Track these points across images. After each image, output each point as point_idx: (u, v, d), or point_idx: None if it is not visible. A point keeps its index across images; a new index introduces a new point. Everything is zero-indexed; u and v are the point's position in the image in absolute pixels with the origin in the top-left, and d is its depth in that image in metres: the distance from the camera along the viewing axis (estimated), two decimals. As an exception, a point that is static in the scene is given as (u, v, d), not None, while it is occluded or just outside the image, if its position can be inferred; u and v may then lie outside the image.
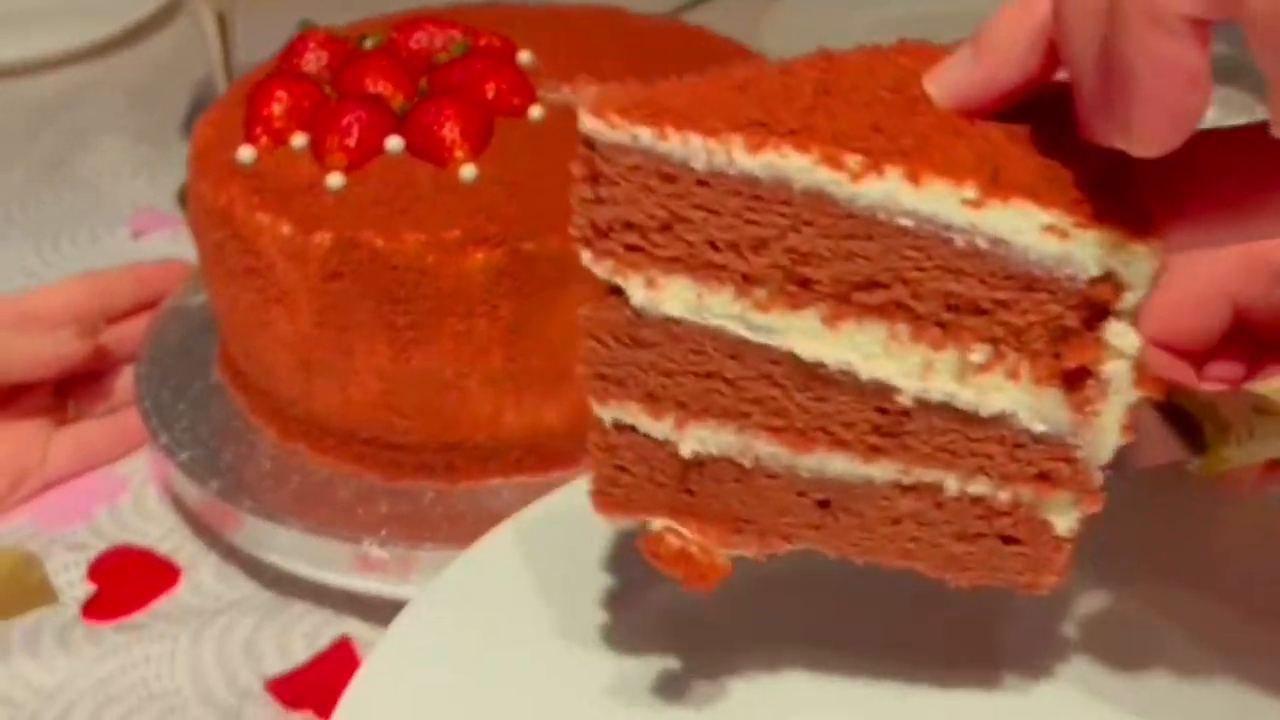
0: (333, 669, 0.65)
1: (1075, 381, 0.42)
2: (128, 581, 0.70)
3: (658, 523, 0.48)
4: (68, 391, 0.79)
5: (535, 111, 0.71)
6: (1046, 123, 0.42)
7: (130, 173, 1.07)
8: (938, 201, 0.40)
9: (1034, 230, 0.40)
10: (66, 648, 0.66)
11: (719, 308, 0.44)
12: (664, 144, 0.41)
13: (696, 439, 0.46)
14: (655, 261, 0.43)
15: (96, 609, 0.69)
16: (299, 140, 0.69)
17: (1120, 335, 0.41)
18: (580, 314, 0.45)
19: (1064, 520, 0.46)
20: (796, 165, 0.40)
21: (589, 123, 0.41)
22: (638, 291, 0.44)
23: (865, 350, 0.43)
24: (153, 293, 0.81)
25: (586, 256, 0.44)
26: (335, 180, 0.66)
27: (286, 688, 0.64)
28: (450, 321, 0.64)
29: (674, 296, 0.44)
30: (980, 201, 0.40)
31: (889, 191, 0.40)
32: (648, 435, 0.47)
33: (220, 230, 0.67)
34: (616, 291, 0.44)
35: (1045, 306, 0.41)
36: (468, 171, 0.66)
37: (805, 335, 0.43)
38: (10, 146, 1.11)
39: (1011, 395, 0.43)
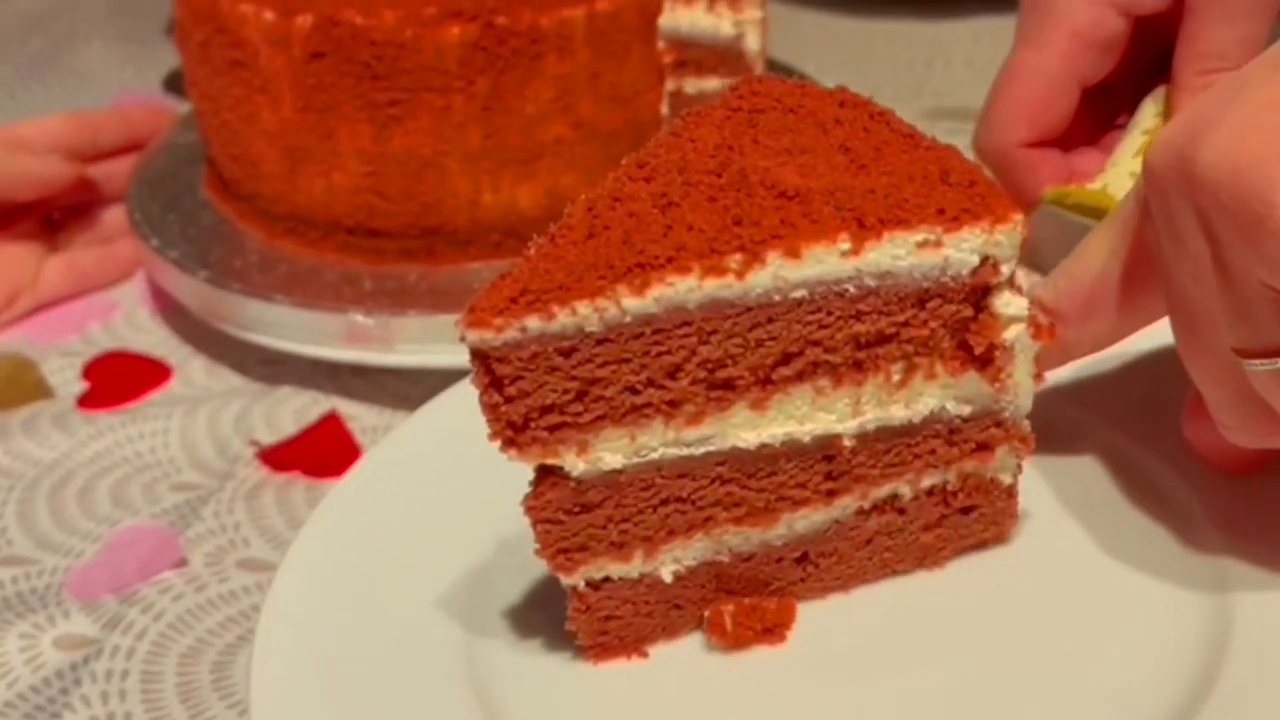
0: (322, 438, 0.67)
1: (984, 359, 0.45)
2: (121, 379, 0.73)
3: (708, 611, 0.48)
4: (59, 225, 0.81)
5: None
6: (875, 150, 0.45)
7: (117, 67, 1.10)
8: (820, 264, 0.42)
9: (911, 251, 0.43)
10: (64, 430, 0.68)
11: (654, 440, 0.44)
12: (554, 323, 0.41)
13: (672, 560, 0.47)
14: (581, 429, 0.43)
15: (91, 401, 0.71)
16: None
17: (1008, 303, 0.45)
18: (524, 506, 0.44)
19: (1007, 472, 0.49)
20: (684, 288, 0.41)
21: (472, 336, 0.40)
22: (573, 463, 0.43)
23: (798, 415, 0.45)
24: (138, 133, 0.84)
25: (512, 454, 0.43)
26: (314, -28, 0.69)
27: (276, 455, 0.66)
28: (428, 97, 0.67)
29: (609, 451, 0.43)
30: (856, 248, 0.42)
31: (775, 274, 0.42)
32: (623, 579, 0.46)
33: (206, 26, 0.70)
34: (551, 469, 0.44)
35: (941, 310, 0.45)
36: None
37: (741, 428, 0.45)
38: (-1, 50, 1.14)
39: (934, 394, 0.46)
